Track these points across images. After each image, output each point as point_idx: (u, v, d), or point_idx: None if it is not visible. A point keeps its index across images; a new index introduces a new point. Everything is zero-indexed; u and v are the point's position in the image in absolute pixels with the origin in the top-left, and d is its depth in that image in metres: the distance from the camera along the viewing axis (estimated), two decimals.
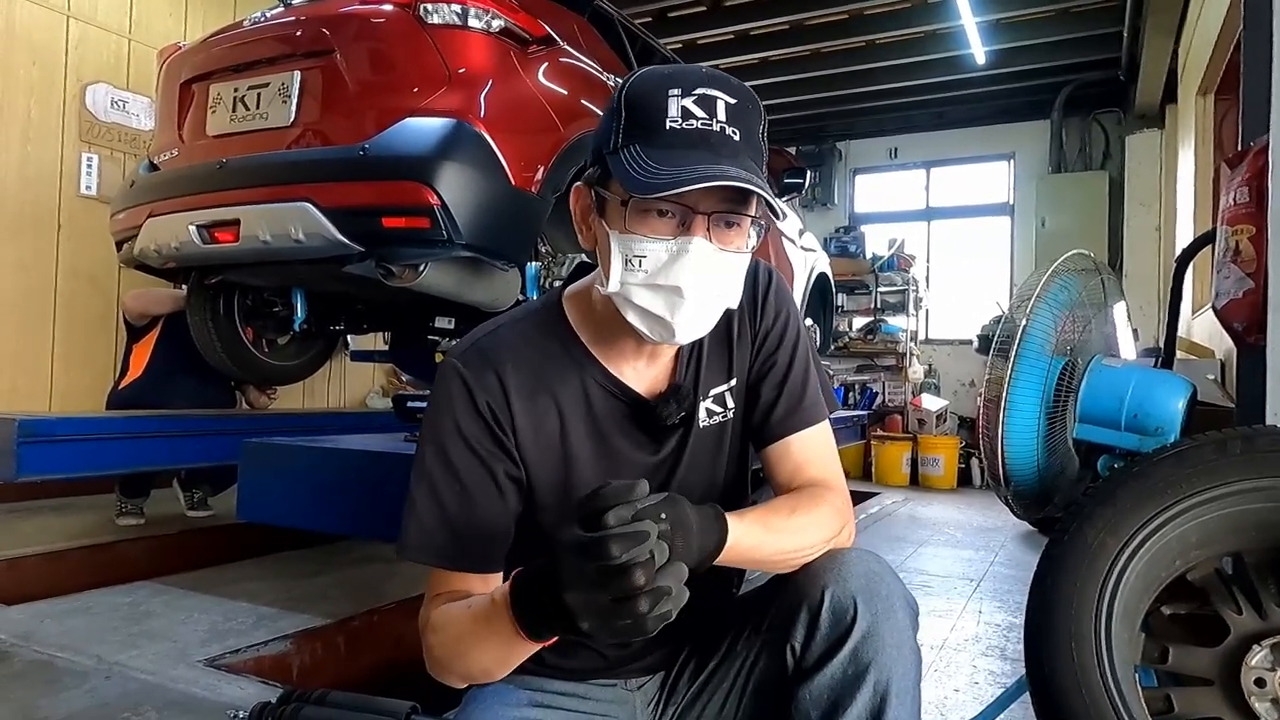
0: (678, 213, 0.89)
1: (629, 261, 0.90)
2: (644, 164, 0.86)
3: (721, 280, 0.92)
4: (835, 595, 0.91)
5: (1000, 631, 2.61)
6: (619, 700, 1.09)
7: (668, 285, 0.89)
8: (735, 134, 0.89)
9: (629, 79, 0.94)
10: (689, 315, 0.91)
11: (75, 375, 4.28)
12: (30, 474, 2.51)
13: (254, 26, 2.68)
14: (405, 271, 2.43)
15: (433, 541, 0.96)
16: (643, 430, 1.04)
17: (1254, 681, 1.18)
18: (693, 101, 0.89)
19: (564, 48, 2.72)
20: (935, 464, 6.77)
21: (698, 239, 0.89)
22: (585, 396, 1.02)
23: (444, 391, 0.99)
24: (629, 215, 0.90)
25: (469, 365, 0.99)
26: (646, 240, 0.89)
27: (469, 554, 0.96)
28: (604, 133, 0.93)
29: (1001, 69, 6.64)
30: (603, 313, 0.99)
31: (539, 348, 1.02)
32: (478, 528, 0.96)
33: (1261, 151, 1.98)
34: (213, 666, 1.87)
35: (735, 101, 0.90)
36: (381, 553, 3.08)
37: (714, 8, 6.14)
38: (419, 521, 0.97)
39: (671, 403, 1.02)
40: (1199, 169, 5.09)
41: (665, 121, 0.88)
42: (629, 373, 1.03)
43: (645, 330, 0.93)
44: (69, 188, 4.26)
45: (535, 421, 0.99)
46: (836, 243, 7.94)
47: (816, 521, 0.98)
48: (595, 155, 0.95)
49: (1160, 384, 2.92)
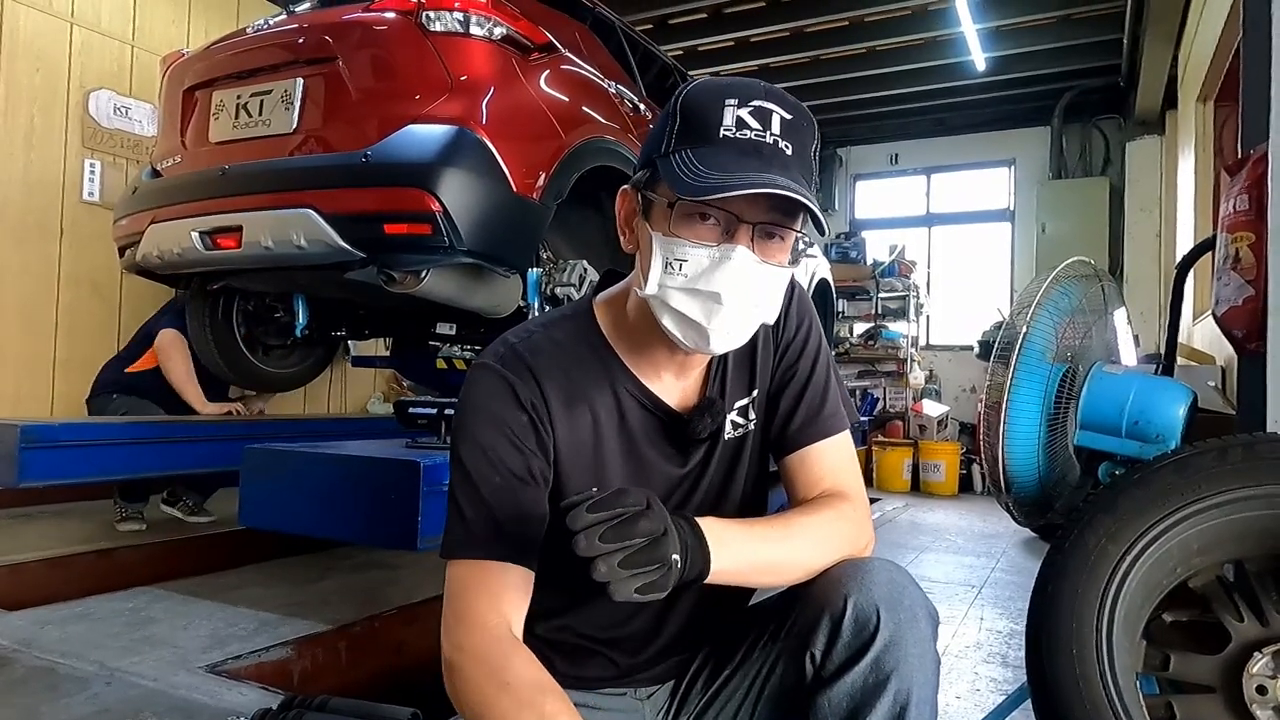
0: (723, 220, 0.89)
1: (669, 265, 0.90)
2: (694, 168, 0.86)
3: (760, 292, 0.92)
4: (858, 603, 0.90)
5: (1002, 638, 2.60)
6: (628, 709, 1.09)
7: (707, 291, 0.89)
8: (788, 148, 0.89)
9: (686, 86, 0.94)
10: (725, 323, 0.90)
11: (77, 381, 4.27)
12: (32, 480, 2.52)
13: (257, 34, 2.69)
14: (407, 278, 2.44)
15: (474, 535, 0.93)
16: (672, 443, 1.04)
17: (1255, 689, 1.18)
18: (748, 112, 0.89)
19: (565, 55, 2.73)
20: (936, 470, 6.76)
21: (741, 247, 0.88)
22: (619, 406, 1.01)
23: (482, 390, 0.97)
24: (674, 218, 0.90)
25: (507, 365, 0.98)
26: (689, 245, 0.89)
27: (513, 546, 0.94)
28: (656, 137, 0.93)
29: (1002, 75, 6.65)
30: (636, 321, 0.99)
31: (572, 354, 1.01)
32: (520, 521, 0.94)
33: (1261, 159, 1.98)
34: (214, 672, 1.86)
35: (791, 117, 0.90)
36: (383, 559, 3.08)
37: (715, 15, 6.15)
38: (462, 519, 0.94)
39: (706, 417, 1.01)
40: (1199, 175, 5.09)
41: (719, 129, 0.88)
42: (661, 384, 1.03)
43: (679, 335, 0.92)
44: (72, 194, 4.27)
45: (571, 425, 0.99)
46: (837, 248, 7.94)
47: (824, 531, 0.97)
48: (645, 159, 0.95)
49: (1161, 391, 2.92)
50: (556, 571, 1.01)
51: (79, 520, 3.53)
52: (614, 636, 1.08)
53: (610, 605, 1.06)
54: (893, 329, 7.76)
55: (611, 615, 1.06)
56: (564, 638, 1.07)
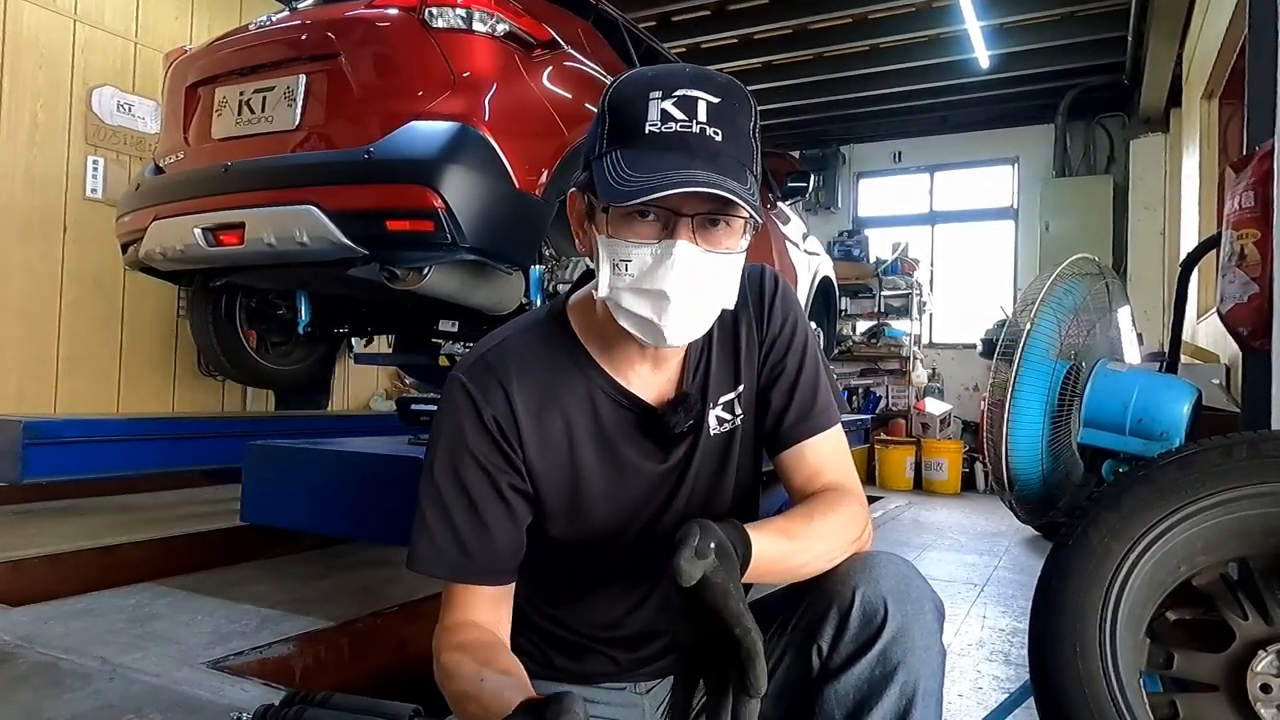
0: (660, 216, 0.89)
1: (616, 266, 0.90)
2: (619, 171, 0.86)
3: (710, 281, 0.91)
4: (866, 596, 0.91)
5: (1004, 636, 2.60)
6: (627, 704, 1.09)
7: (653, 289, 0.89)
8: (717, 134, 0.88)
9: (614, 82, 0.93)
10: (677, 318, 0.90)
11: (80, 378, 4.29)
12: (35, 476, 2.53)
13: (259, 30, 2.69)
14: (409, 275, 2.44)
15: (443, 556, 0.96)
16: (651, 439, 1.03)
17: (1260, 687, 1.18)
18: (673, 104, 0.88)
19: (568, 52, 2.73)
20: (939, 468, 6.76)
21: (681, 242, 0.88)
22: (592, 406, 1.01)
23: (451, 407, 0.99)
24: (612, 220, 0.90)
25: (475, 381, 0.98)
26: (631, 245, 0.89)
27: (479, 568, 0.96)
28: (591, 138, 0.94)
29: (1005, 73, 6.63)
30: (605, 319, 0.99)
31: (545, 359, 1.01)
32: (486, 542, 0.96)
33: (1266, 156, 1.98)
34: (216, 669, 1.86)
35: (719, 100, 0.89)
36: (385, 556, 3.08)
37: (718, 12, 6.15)
38: (429, 536, 0.97)
39: (679, 411, 1.01)
40: (1203, 173, 5.08)
41: (645, 126, 0.88)
42: (635, 380, 1.03)
43: (637, 334, 0.93)
44: (75, 191, 4.28)
45: (542, 434, 0.99)
46: (840, 247, 7.93)
47: (837, 527, 0.97)
48: (584, 161, 0.95)
49: (1165, 388, 2.91)
50: (554, 570, 1.02)
51: (82, 516, 3.53)
52: (613, 635, 1.08)
53: (609, 603, 1.07)
54: (895, 327, 7.76)
55: (610, 613, 1.06)
56: (563, 634, 1.07)
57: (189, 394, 4.84)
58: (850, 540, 0.98)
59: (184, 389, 4.81)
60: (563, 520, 1.01)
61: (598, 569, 1.05)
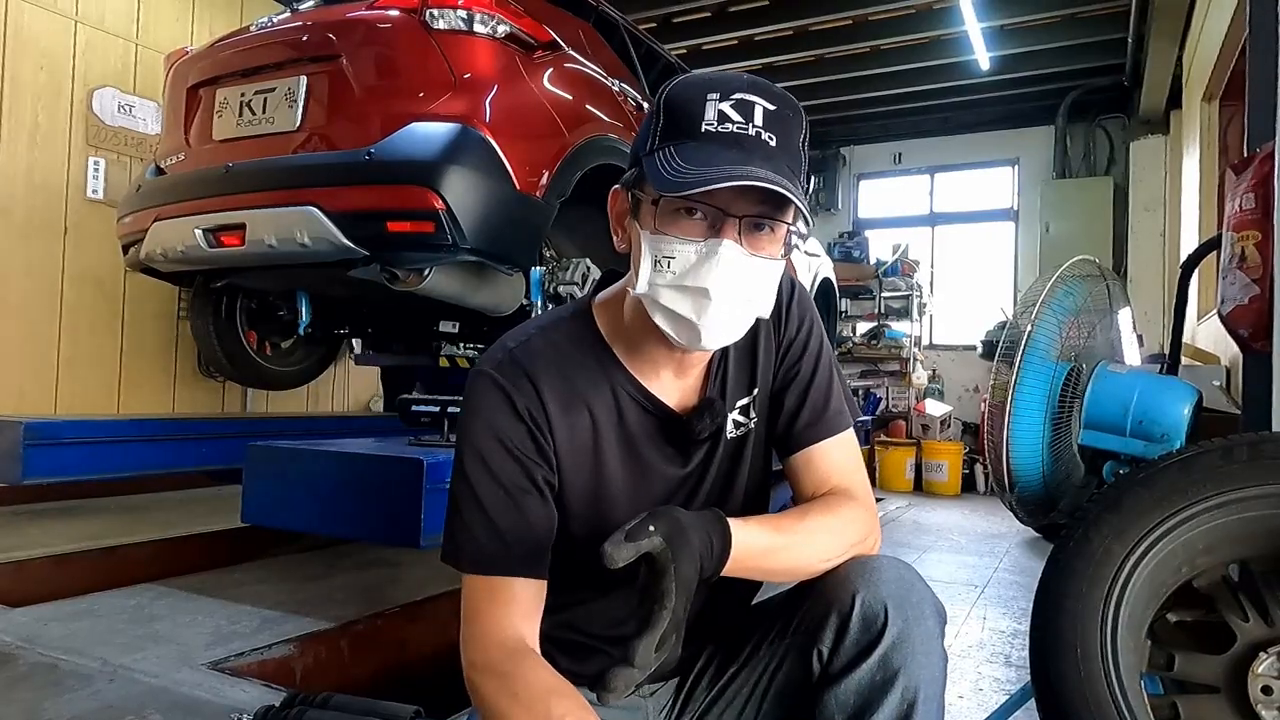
0: (709, 214, 0.88)
1: (658, 262, 0.90)
2: (675, 164, 0.86)
3: (751, 286, 0.91)
4: (866, 600, 0.90)
5: (1005, 638, 2.60)
6: (631, 707, 1.09)
7: (695, 287, 0.88)
8: (772, 139, 0.88)
9: (670, 83, 0.94)
10: (716, 319, 0.90)
11: (81, 379, 4.29)
12: (36, 477, 2.53)
13: (260, 31, 2.69)
14: (410, 276, 2.44)
15: (483, 550, 0.94)
16: (672, 444, 1.03)
17: (1261, 689, 1.18)
18: (730, 105, 0.88)
19: (569, 53, 2.73)
20: (939, 470, 6.76)
21: (727, 241, 0.88)
22: (617, 408, 1.01)
23: (481, 399, 0.97)
24: (659, 215, 0.89)
25: (504, 373, 0.98)
26: (676, 241, 0.89)
27: (518, 559, 0.94)
28: (642, 135, 0.93)
29: (1006, 75, 6.63)
30: (633, 320, 0.99)
31: (570, 357, 1.01)
32: (524, 532, 0.95)
33: (1267, 157, 1.98)
34: (217, 670, 1.86)
35: (774, 108, 0.89)
36: (386, 556, 3.08)
37: (719, 13, 6.15)
38: (467, 531, 0.95)
39: (705, 417, 1.01)
40: (1204, 175, 5.08)
41: (701, 124, 0.88)
42: (660, 385, 1.03)
43: (672, 333, 0.92)
44: (76, 192, 4.28)
45: (570, 429, 0.99)
46: (840, 248, 7.93)
47: (833, 527, 0.97)
48: (633, 158, 0.95)
49: (1165, 390, 2.91)
50: (559, 570, 1.01)
51: (83, 517, 3.53)
52: (616, 635, 1.07)
53: (612, 604, 1.06)
54: (896, 328, 7.75)
55: (613, 614, 1.06)
56: (566, 635, 1.07)
57: (190, 395, 4.84)
58: (849, 543, 0.98)
59: (185, 390, 4.81)
60: (583, 519, 1.01)
61: (611, 569, 1.05)
